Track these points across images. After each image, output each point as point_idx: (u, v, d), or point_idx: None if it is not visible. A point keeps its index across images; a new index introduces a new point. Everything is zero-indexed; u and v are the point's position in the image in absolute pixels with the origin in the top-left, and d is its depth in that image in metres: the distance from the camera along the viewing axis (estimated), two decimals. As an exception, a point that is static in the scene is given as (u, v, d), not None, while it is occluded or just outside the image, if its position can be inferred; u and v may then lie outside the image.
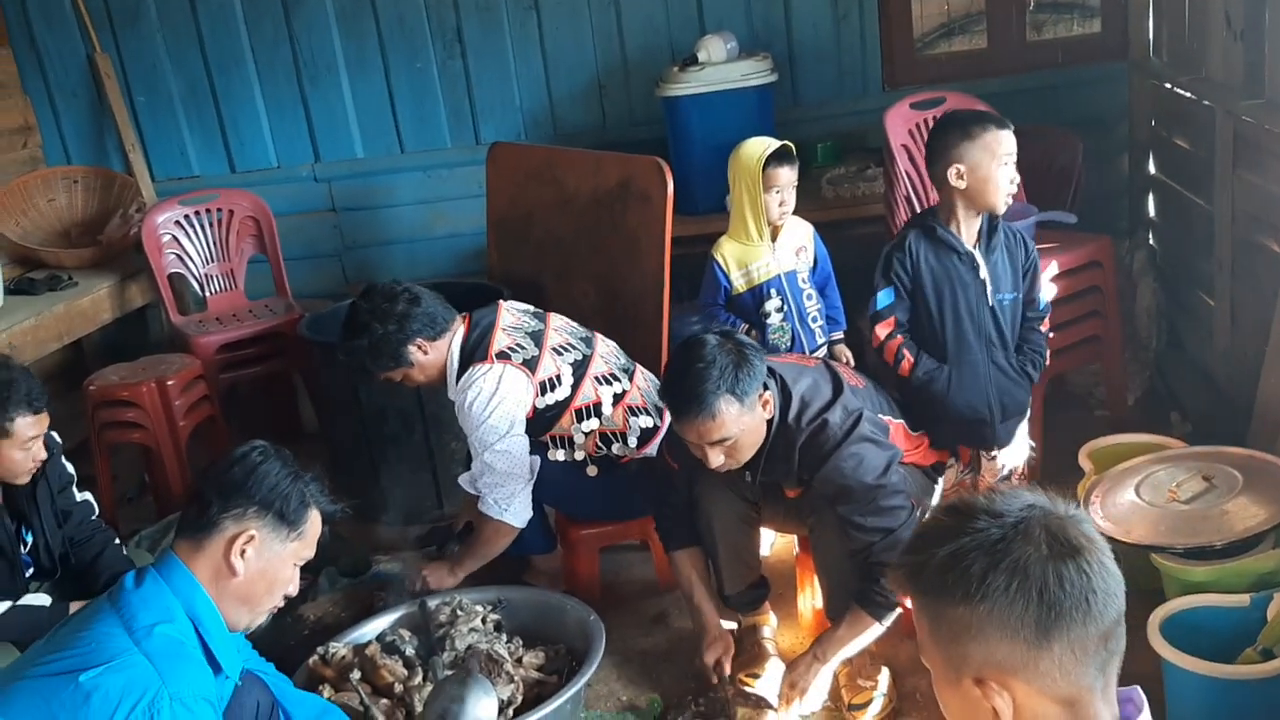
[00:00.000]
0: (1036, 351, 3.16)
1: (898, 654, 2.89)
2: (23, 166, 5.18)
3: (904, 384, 3.10)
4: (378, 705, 2.75)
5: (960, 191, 2.96)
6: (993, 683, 1.22)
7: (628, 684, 3.04)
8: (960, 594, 1.22)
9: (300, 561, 2.10)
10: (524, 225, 4.40)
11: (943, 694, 1.31)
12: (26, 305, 4.42)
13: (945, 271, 3.04)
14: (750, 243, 3.52)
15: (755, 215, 3.47)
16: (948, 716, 1.32)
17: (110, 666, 1.81)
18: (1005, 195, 2.95)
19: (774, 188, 3.45)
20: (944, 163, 2.94)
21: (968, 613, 1.21)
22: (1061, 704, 1.22)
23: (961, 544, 1.23)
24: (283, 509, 2.02)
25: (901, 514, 2.60)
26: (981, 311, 3.05)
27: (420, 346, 3.16)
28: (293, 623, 3.30)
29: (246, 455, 2.06)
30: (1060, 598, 1.19)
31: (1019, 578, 1.20)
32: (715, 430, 2.53)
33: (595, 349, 3.31)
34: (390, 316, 3.14)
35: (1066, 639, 1.20)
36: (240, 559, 1.98)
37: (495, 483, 3.15)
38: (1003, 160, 2.92)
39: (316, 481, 2.12)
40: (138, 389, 4.08)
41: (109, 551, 3.15)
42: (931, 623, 1.27)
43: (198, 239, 4.91)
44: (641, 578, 3.53)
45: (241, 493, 2.00)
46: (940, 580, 1.24)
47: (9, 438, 2.79)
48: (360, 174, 5.29)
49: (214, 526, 1.99)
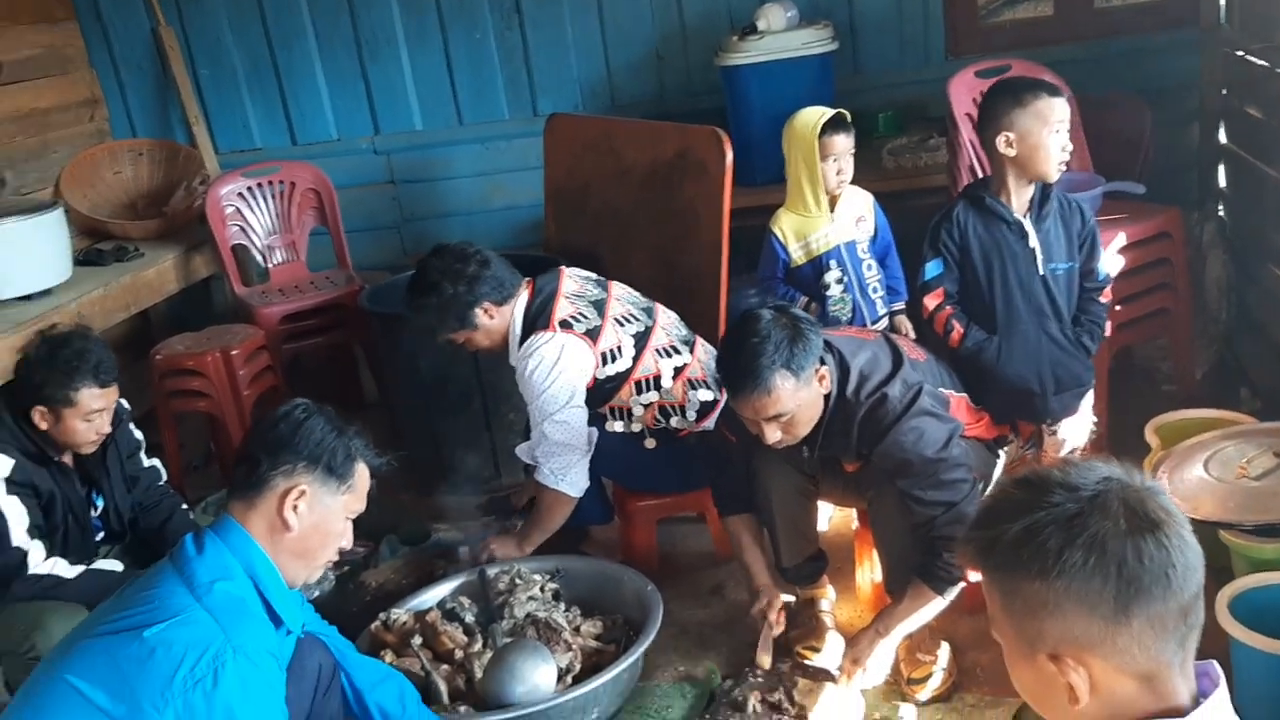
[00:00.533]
0: (1094, 323, 3.10)
1: (957, 629, 2.87)
2: (90, 139, 5.28)
3: (954, 355, 3.07)
4: (438, 671, 2.78)
5: (1010, 159, 2.92)
6: (1069, 658, 1.20)
7: (685, 655, 3.05)
8: (1036, 569, 1.20)
9: (352, 514, 2.11)
10: (581, 197, 4.39)
11: (1015, 668, 1.29)
12: (94, 276, 4.50)
13: (994, 241, 3.01)
14: (808, 214, 3.48)
15: (813, 185, 3.44)
16: (1020, 691, 1.30)
17: (174, 622, 1.85)
18: (1057, 163, 2.90)
19: (831, 156, 3.41)
20: (994, 130, 2.91)
21: (1044, 588, 1.19)
22: (1139, 679, 1.20)
23: (1036, 518, 1.21)
24: (330, 463, 2.05)
25: (964, 487, 2.57)
26: (1032, 281, 3.00)
27: (486, 310, 3.17)
28: (355, 589, 3.36)
29: (290, 413, 2.08)
30: (1139, 573, 1.17)
31: (1097, 553, 1.18)
32: (771, 406, 2.52)
33: (657, 320, 3.30)
34: (461, 277, 3.13)
35: (1146, 614, 1.18)
36: (293, 514, 2.01)
37: (552, 452, 3.16)
38: (1054, 128, 2.86)
39: (360, 435, 2.13)
40: (203, 358, 4.15)
41: (177, 516, 3.22)
42: (1004, 598, 1.25)
43: (260, 211, 4.97)
44: (698, 549, 3.53)
45: (289, 449, 2.02)
46: (1014, 555, 1.22)
47: (72, 407, 2.85)
48: (419, 146, 5.32)
49: (265, 484, 2.01)
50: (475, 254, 3.18)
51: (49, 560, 2.85)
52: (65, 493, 2.96)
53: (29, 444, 2.87)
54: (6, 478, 2.81)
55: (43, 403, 2.82)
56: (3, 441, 2.83)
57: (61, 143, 5.11)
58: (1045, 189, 2.98)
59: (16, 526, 2.81)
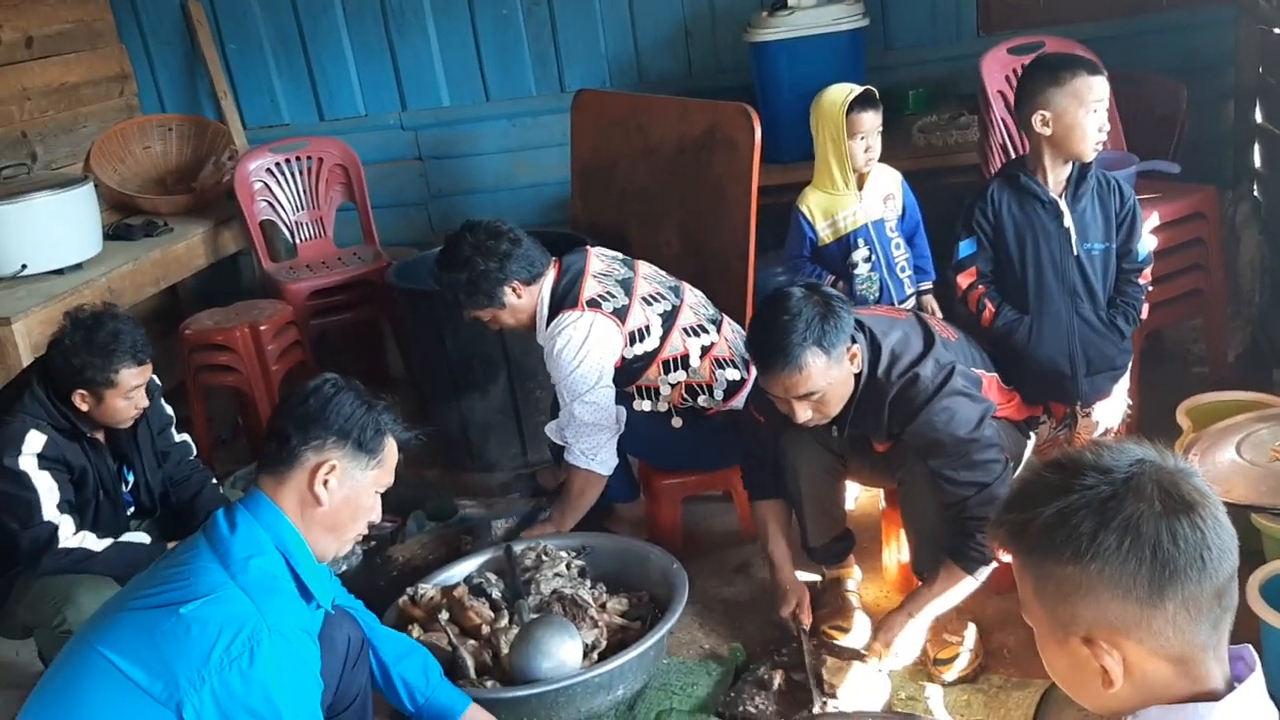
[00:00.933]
0: (1130, 305, 3.06)
1: (985, 609, 2.86)
2: (119, 114, 5.30)
3: (986, 334, 3.05)
4: (465, 646, 2.80)
5: (1046, 139, 2.88)
6: (1102, 642, 1.19)
7: (709, 633, 3.05)
8: (1069, 553, 1.19)
9: (381, 489, 2.12)
10: (608, 174, 4.38)
11: (1048, 652, 1.28)
12: (124, 250, 4.53)
13: (1027, 220, 2.97)
14: (836, 192, 3.46)
15: (840, 163, 3.41)
16: (1052, 674, 1.30)
17: (209, 600, 1.86)
18: (1094, 143, 2.86)
19: (858, 134, 3.39)
20: (1030, 109, 2.87)
21: (1077, 572, 1.18)
22: (1173, 662, 1.19)
23: (1070, 501, 1.20)
24: (360, 438, 2.05)
25: (996, 468, 2.56)
26: (1065, 261, 2.97)
27: (515, 289, 3.16)
28: (382, 564, 3.38)
29: (320, 388, 2.08)
30: (1174, 555, 1.16)
31: (1131, 536, 1.17)
32: (802, 384, 2.51)
33: (684, 299, 3.29)
34: (493, 254, 3.12)
35: (1180, 597, 1.17)
36: (324, 488, 2.01)
37: (582, 432, 3.16)
38: (1091, 107, 2.82)
39: (389, 410, 2.13)
40: (231, 333, 4.17)
41: (207, 491, 3.24)
42: (1037, 581, 1.24)
43: (288, 186, 4.98)
44: (724, 528, 3.53)
45: (319, 424, 2.03)
46: (1047, 539, 1.21)
47: (114, 388, 2.87)
48: (446, 122, 5.31)
49: (295, 459, 2.02)
50: (507, 231, 3.17)
51: (78, 535, 2.87)
52: (97, 468, 2.99)
53: (61, 420, 2.89)
54: (39, 453, 2.83)
55: (84, 386, 2.84)
56: (35, 418, 2.85)
57: (91, 117, 5.14)
58: (1084, 168, 2.95)
59: (47, 501, 2.83)
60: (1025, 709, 2.57)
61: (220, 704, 1.80)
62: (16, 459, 2.81)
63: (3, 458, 2.81)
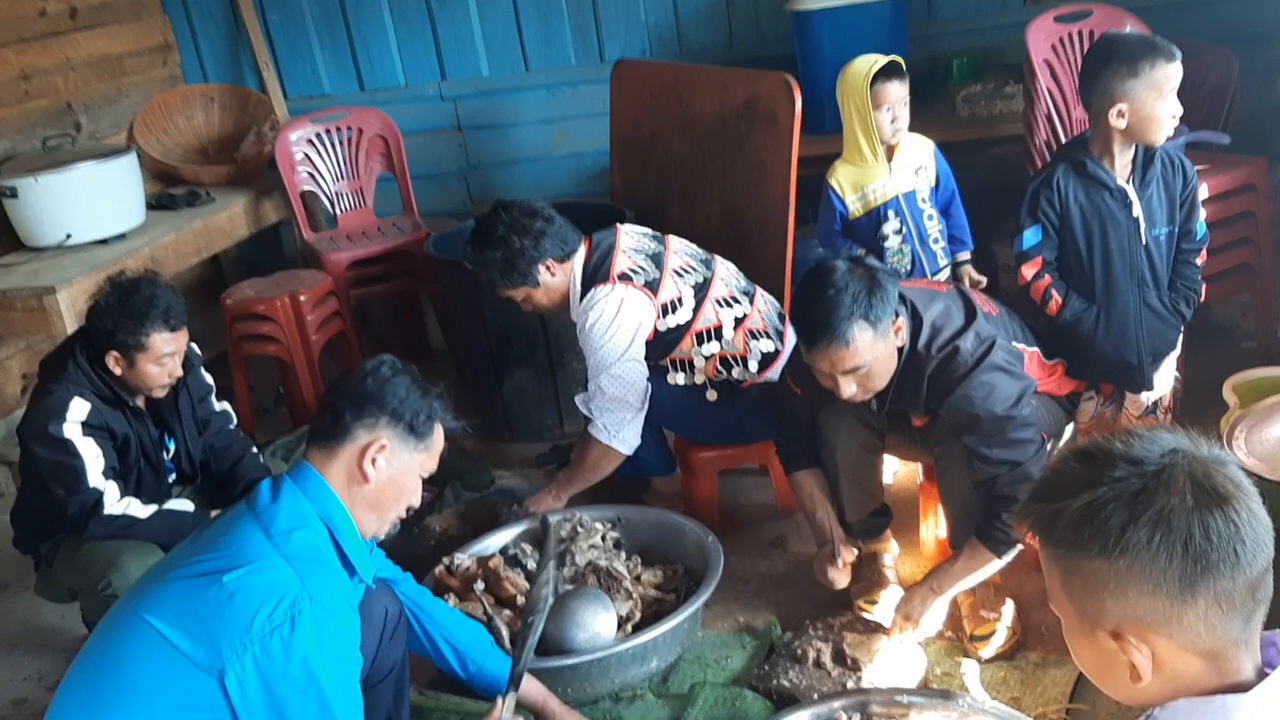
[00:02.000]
0: (1190, 288, 3.00)
1: (1023, 587, 2.84)
2: (162, 84, 5.34)
3: (1051, 323, 3.00)
4: (500, 616, 2.81)
5: (1120, 130, 2.80)
6: (1131, 637, 1.17)
7: (744, 606, 3.05)
8: (1098, 547, 1.16)
9: (425, 474, 2.14)
10: (648, 145, 4.35)
11: (1075, 645, 1.25)
12: (167, 220, 4.58)
13: (1095, 209, 2.90)
14: (865, 164, 3.42)
15: (867, 135, 3.37)
16: (1080, 666, 1.27)
17: (252, 569, 1.88)
18: (1168, 130, 2.79)
19: (883, 105, 3.33)
20: (1105, 100, 2.77)
21: (1105, 566, 1.15)
22: (1204, 657, 1.16)
23: (1098, 494, 1.16)
24: (413, 421, 2.07)
25: (1030, 447, 2.52)
26: (1135, 250, 2.90)
27: (549, 267, 3.15)
28: (420, 534, 3.40)
29: (378, 369, 2.10)
30: (1206, 550, 1.13)
31: (1162, 530, 1.13)
32: (848, 359, 2.48)
33: (716, 271, 3.27)
34: (528, 232, 3.11)
35: (1212, 592, 1.13)
36: (372, 466, 2.03)
37: (607, 407, 3.16)
38: (1169, 97, 2.75)
39: (441, 398, 2.15)
40: (272, 303, 4.20)
41: (247, 459, 3.27)
42: (1064, 574, 1.21)
43: (328, 157, 5.00)
44: (760, 501, 3.52)
45: (374, 403, 2.05)
46: (1075, 533, 1.17)
47: (144, 351, 2.89)
48: (485, 93, 5.30)
49: (347, 435, 2.03)
50: (541, 210, 3.16)
51: (123, 501, 2.91)
52: (139, 435, 3.02)
53: (104, 388, 2.92)
54: (83, 421, 2.87)
55: (116, 348, 2.88)
56: (79, 386, 2.89)
57: (134, 88, 5.18)
58: (1149, 149, 2.87)
59: (92, 468, 2.87)
60: (1062, 686, 2.55)
61: (262, 672, 1.82)
62: (61, 426, 2.85)
63: (48, 425, 2.85)
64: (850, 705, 2.39)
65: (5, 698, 3.12)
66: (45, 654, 3.29)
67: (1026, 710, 2.43)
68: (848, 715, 2.36)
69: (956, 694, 2.45)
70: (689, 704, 2.63)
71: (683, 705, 2.65)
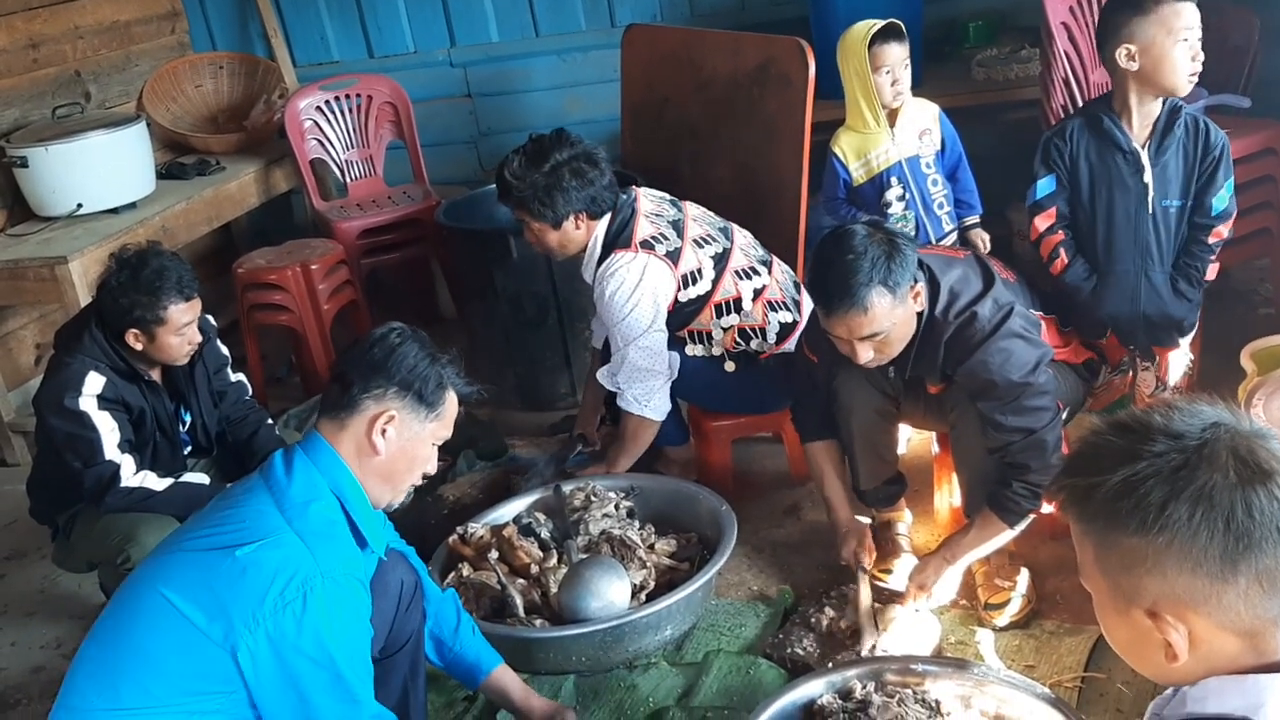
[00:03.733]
0: (1194, 266, 2.89)
1: (1038, 554, 2.82)
2: (171, 52, 5.31)
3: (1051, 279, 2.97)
4: (514, 585, 2.82)
5: (1133, 74, 2.73)
6: (1168, 615, 1.14)
7: (758, 574, 3.05)
8: (1136, 524, 1.12)
9: (438, 441, 2.12)
10: (659, 110, 4.31)
11: (1108, 622, 1.23)
12: (177, 189, 4.56)
13: (1105, 170, 2.84)
14: (867, 130, 3.38)
15: (868, 100, 3.33)
16: (1112, 643, 1.25)
17: (265, 543, 1.88)
18: (1187, 75, 2.70)
19: (883, 67, 3.28)
20: (1114, 42, 2.71)
21: (1143, 544, 1.12)
22: (1242, 636, 1.14)
23: (1138, 470, 1.13)
24: (421, 390, 2.04)
25: (1045, 415, 2.50)
26: (1141, 218, 2.84)
27: (579, 218, 3.09)
28: (433, 502, 3.40)
29: (385, 337, 2.08)
30: (1250, 528, 1.09)
31: (1204, 507, 1.10)
32: (867, 324, 2.45)
33: (734, 241, 3.24)
34: (580, 175, 3.04)
35: (1254, 570, 1.10)
36: (381, 438, 2.01)
37: (634, 377, 3.13)
38: (1180, 36, 2.67)
39: (453, 364, 2.13)
40: (283, 272, 4.19)
41: (263, 431, 3.28)
42: (1099, 550, 1.18)
43: (338, 125, 4.98)
44: (773, 470, 3.51)
45: (382, 373, 2.03)
46: (1112, 508, 1.14)
47: (164, 325, 2.89)
48: (495, 59, 5.26)
49: (356, 406, 2.02)
50: (600, 160, 3.08)
51: (139, 474, 2.92)
52: (154, 408, 3.03)
53: (119, 361, 2.93)
54: (99, 394, 2.88)
55: (135, 325, 2.87)
56: (94, 359, 2.89)
57: (143, 56, 5.15)
58: (1173, 112, 2.79)
59: (109, 441, 2.88)
60: (1078, 655, 2.54)
61: (275, 647, 1.83)
62: (77, 400, 2.85)
63: (64, 398, 2.86)
64: (865, 674, 2.38)
65: (24, 665, 3.14)
66: (63, 621, 3.31)
67: (1041, 678, 2.42)
68: (862, 684, 2.35)
69: (971, 662, 2.45)
70: (703, 672, 2.64)
71: (697, 673, 2.65)
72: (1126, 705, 2.40)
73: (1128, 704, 2.40)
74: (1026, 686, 2.27)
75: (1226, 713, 1.13)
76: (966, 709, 2.30)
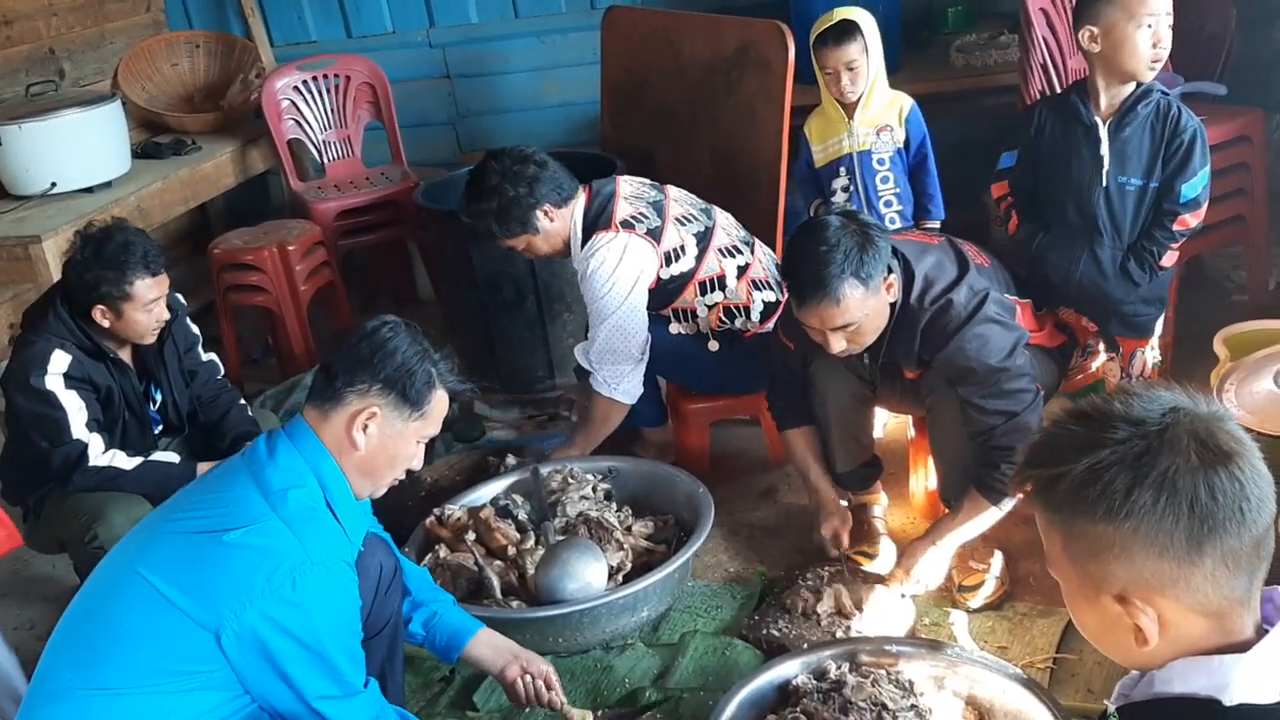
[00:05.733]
0: (1149, 250, 2.87)
1: (1010, 537, 2.84)
2: (146, 30, 5.25)
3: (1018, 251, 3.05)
4: (491, 566, 2.82)
5: (1096, 56, 2.78)
6: (1137, 600, 1.15)
7: (735, 556, 3.06)
8: (1102, 511, 1.14)
9: (423, 439, 2.10)
10: (638, 93, 4.30)
11: (1078, 609, 1.24)
12: (153, 169, 4.52)
13: (1064, 142, 2.89)
14: (829, 119, 3.45)
15: (825, 92, 3.41)
16: (1082, 630, 1.27)
17: (251, 530, 1.87)
18: (1148, 61, 2.73)
19: (824, 68, 3.37)
20: (1080, 24, 2.77)
21: (1110, 530, 1.14)
22: (1209, 617, 1.16)
23: (1101, 457, 1.14)
24: (406, 388, 2.01)
25: (1026, 397, 2.52)
26: (1092, 189, 2.86)
27: (547, 213, 3.12)
28: (409, 484, 3.38)
29: (376, 331, 2.04)
30: (1213, 509, 1.11)
31: (1168, 492, 1.11)
32: (838, 316, 2.46)
33: (716, 220, 3.25)
34: (521, 179, 3.07)
35: (1219, 551, 1.12)
36: (361, 434, 1.99)
37: (605, 358, 3.14)
38: (1143, 21, 2.69)
39: (446, 360, 2.09)
40: (260, 253, 4.17)
41: (235, 411, 3.25)
42: (1066, 539, 1.19)
43: (316, 105, 4.94)
44: (751, 452, 3.52)
45: (367, 369, 2.00)
46: (1078, 496, 1.15)
47: (130, 300, 2.87)
48: (474, 39, 5.23)
49: (339, 399, 2.00)
50: (533, 155, 3.12)
51: (108, 452, 2.90)
52: (122, 387, 3.00)
53: (85, 340, 2.90)
54: (65, 373, 2.85)
55: (101, 301, 2.85)
56: (60, 338, 2.87)
57: (118, 33, 5.09)
58: (1144, 95, 2.80)
59: (76, 420, 2.85)
60: (1050, 636, 2.57)
61: (261, 633, 1.82)
62: (43, 378, 2.82)
63: (29, 377, 2.83)
64: (839, 654, 2.40)
65: (-4, 647, 3.12)
66: (35, 603, 3.29)
67: (1014, 659, 2.45)
68: (837, 664, 2.37)
69: (945, 643, 2.47)
70: (679, 653, 2.65)
71: (673, 654, 2.66)
72: (1097, 685, 2.42)
73: (1098, 684, 2.43)
74: (999, 667, 2.29)
75: (1192, 692, 1.15)
76: (940, 689, 2.33)
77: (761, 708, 2.34)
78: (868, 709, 2.22)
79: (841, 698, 2.25)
